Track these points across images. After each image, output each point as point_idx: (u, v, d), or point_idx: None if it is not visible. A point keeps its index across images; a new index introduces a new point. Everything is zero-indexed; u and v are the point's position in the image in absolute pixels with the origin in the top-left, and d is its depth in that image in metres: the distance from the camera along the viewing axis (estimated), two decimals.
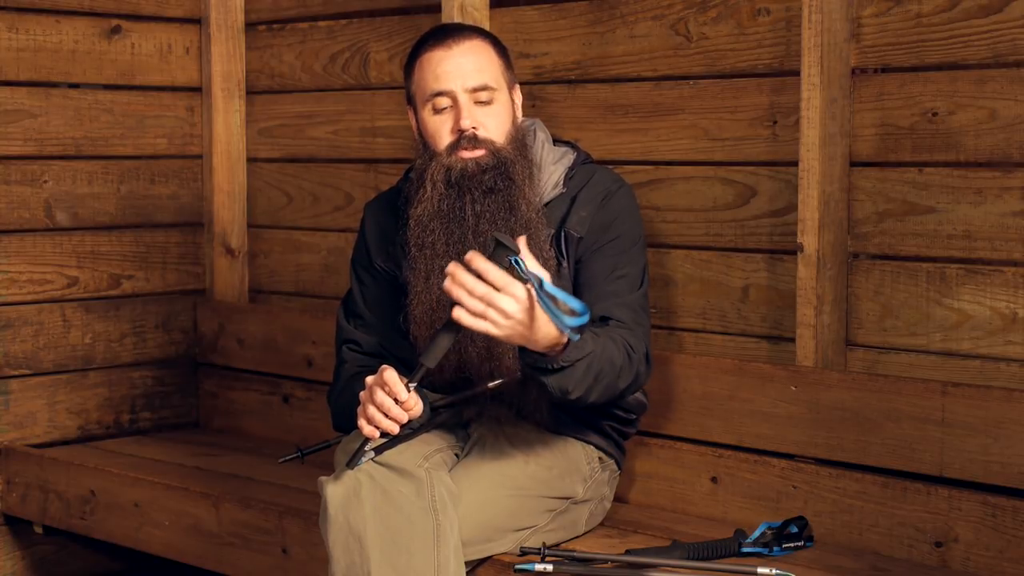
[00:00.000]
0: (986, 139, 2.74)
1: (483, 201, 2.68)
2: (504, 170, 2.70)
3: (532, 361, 2.50)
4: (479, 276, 2.40)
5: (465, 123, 2.70)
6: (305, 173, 3.98)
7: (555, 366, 2.49)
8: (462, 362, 2.72)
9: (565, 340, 2.47)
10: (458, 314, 2.41)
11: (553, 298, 2.41)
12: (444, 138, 2.72)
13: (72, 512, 3.58)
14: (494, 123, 2.73)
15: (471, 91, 2.71)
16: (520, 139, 2.77)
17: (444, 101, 2.72)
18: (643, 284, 2.78)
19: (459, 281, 2.40)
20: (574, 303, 2.43)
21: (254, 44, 4.07)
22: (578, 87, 3.33)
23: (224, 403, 4.07)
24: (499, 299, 2.39)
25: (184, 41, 4.05)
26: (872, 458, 2.80)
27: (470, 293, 2.40)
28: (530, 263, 2.43)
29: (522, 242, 2.45)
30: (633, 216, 2.82)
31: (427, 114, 2.75)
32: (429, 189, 2.70)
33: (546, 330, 2.45)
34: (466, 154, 2.70)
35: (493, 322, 2.41)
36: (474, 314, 2.41)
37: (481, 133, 2.71)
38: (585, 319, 2.44)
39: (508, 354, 2.66)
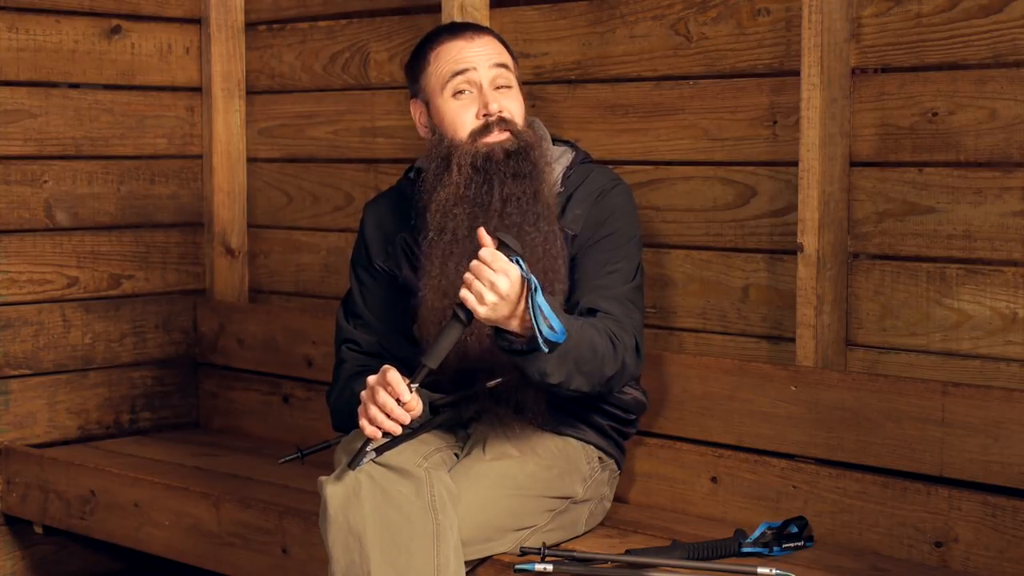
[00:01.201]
0: (986, 139, 2.74)
1: (511, 185, 2.69)
2: (527, 154, 2.71)
3: (507, 344, 2.51)
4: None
5: (493, 107, 2.72)
6: (305, 173, 3.98)
7: (528, 347, 2.49)
8: (463, 360, 2.72)
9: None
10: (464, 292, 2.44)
11: (539, 308, 2.44)
12: (468, 124, 2.73)
13: (72, 512, 3.58)
14: (515, 107, 2.76)
15: (493, 67, 2.74)
16: (532, 129, 2.79)
17: (465, 84, 2.73)
18: (635, 279, 2.78)
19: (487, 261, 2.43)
20: (555, 322, 2.45)
21: (254, 44, 4.07)
22: (578, 87, 3.33)
23: (224, 403, 4.07)
24: (490, 273, 2.41)
25: (184, 41, 4.05)
26: (872, 458, 2.80)
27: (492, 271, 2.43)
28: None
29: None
30: (628, 213, 2.82)
31: (445, 100, 2.75)
32: (455, 173, 2.70)
33: (525, 315, 2.46)
34: (492, 138, 2.71)
35: (478, 295, 2.41)
36: (463, 284, 2.44)
37: (507, 115, 2.73)
38: (560, 339, 2.46)
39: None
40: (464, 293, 2.43)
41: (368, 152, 3.82)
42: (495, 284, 2.41)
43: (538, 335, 2.43)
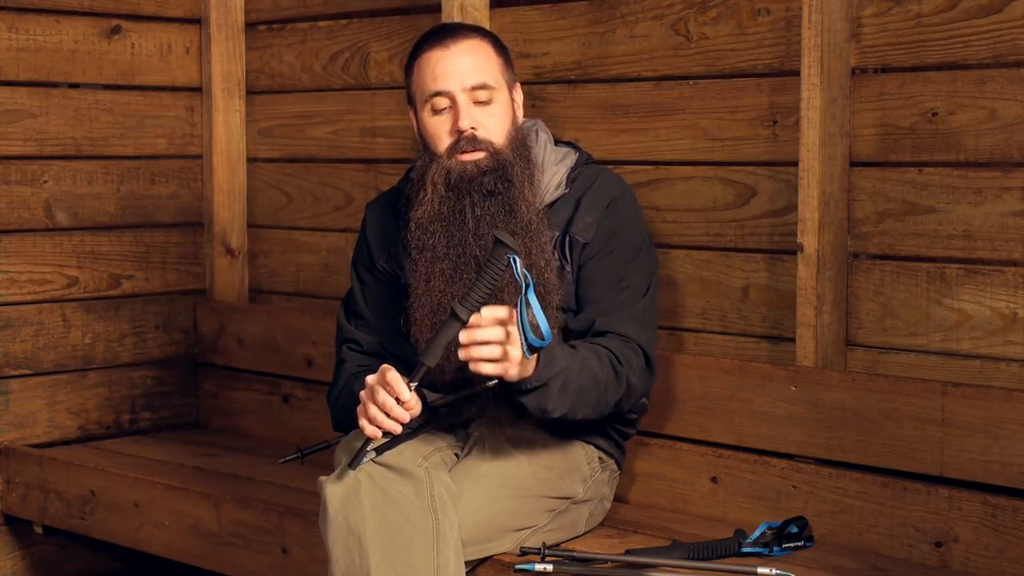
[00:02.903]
0: (986, 139, 2.74)
1: (483, 204, 2.69)
2: (503, 172, 2.70)
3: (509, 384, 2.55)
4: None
5: (464, 124, 2.70)
6: (305, 173, 3.98)
7: (528, 387, 2.52)
8: (463, 361, 2.71)
9: (535, 359, 2.51)
10: (477, 368, 2.48)
11: (529, 307, 2.45)
12: (443, 139, 2.72)
13: (72, 512, 3.58)
14: (493, 123, 2.72)
15: (469, 90, 2.71)
16: (520, 140, 2.76)
17: (443, 101, 2.72)
18: (648, 292, 2.79)
19: (476, 339, 2.47)
20: (543, 324, 2.46)
21: (254, 44, 4.07)
22: (578, 87, 3.33)
23: (224, 403, 4.07)
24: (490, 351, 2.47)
25: (184, 41, 4.05)
26: (872, 458, 2.80)
27: (486, 343, 2.46)
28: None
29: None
30: (639, 224, 2.83)
31: (426, 115, 2.75)
32: (429, 191, 2.71)
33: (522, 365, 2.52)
34: (465, 157, 2.70)
35: (513, 362, 2.48)
36: (494, 361, 2.47)
37: (480, 133, 2.70)
38: (544, 345, 2.48)
39: None
40: (503, 368, 2.48)
41: (368, 152, 3.82)
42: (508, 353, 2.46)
43: (523, 344, 2.45)
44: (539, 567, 2.56)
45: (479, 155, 2.70)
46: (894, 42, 2.85)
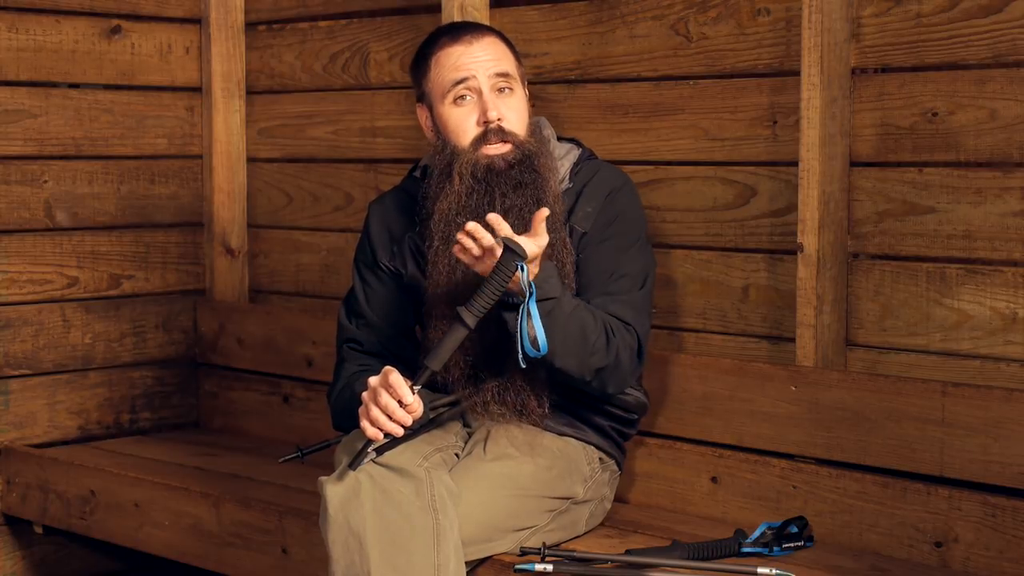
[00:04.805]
0: (986, 139, 2.74)
1: (512, 196, 2.70)
2: (530, 163, 2.71)
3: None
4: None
5: (492, 114, 2.71)
6: (305, 173, 3.98)
7: (514, 300, 2.53)
8: (465, 361, 2.72)
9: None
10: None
11: (530, 317, 2.49)
12: (469, 132, 2.73)
13: (72, 512, 3.58)
14: (515, 116, 2.75)
15: (493, 76, 2.73)
16: (538, 133, 2.79)
17: (466, 92, 2.73)
18: (645, 283, 2.79)
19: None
20: (541, 335, 2.47)
21: (254, 44, 4.07)
22: (578, 87, 3.33)
23: (224, 403, 4.07)
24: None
25: (184, 41, 4.05)
26: (872, 458, 2.80)
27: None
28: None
29: (542, 214, 2.54)
30: (637, 214, 2.84)
31: (447, 108, 2.76)
32: (456, 183, 2.71)
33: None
34: (492, 149, 2.71)
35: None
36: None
37: (506, 125, 2.72)
38: (540, 355, 2.51)
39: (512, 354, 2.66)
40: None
41: (368, 152, 3.82)
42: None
43: (518, 351, 2.47)
44: (539, 567, 2.56)
45: (505, 148, 2.72)
46: (894, 42, 2.85)
